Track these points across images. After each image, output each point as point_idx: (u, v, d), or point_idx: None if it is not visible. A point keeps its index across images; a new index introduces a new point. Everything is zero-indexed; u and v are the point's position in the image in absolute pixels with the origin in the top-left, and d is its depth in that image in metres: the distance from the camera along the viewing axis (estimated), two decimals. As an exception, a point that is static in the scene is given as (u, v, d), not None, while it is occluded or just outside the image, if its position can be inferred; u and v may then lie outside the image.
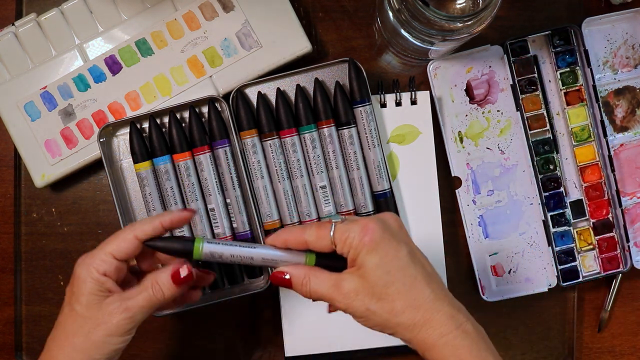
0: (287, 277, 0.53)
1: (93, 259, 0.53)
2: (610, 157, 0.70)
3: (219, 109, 0.67)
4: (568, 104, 0.71)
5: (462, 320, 0.50)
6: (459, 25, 0.59)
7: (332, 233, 0.51)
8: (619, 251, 0.72)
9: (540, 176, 0.71)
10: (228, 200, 0.68)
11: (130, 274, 0.57)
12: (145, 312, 0.53)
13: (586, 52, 0.70)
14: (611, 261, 0.72)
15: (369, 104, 0.67)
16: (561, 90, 0.71)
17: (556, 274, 0.71)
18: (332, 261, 0.53)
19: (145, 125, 0.68)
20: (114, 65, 0.69)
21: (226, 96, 0.68)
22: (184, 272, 0.54)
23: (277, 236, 0.54)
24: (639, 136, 0.73)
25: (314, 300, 0.53)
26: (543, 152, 0.71)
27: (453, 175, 0.71)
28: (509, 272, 0.72)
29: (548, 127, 0.71)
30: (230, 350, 0.72)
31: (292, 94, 0.68)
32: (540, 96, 0.71)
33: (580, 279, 0.71)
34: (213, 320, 0.72)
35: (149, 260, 0.58)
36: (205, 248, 0.54)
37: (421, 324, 0.49)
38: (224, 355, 0.72)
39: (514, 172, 0.72)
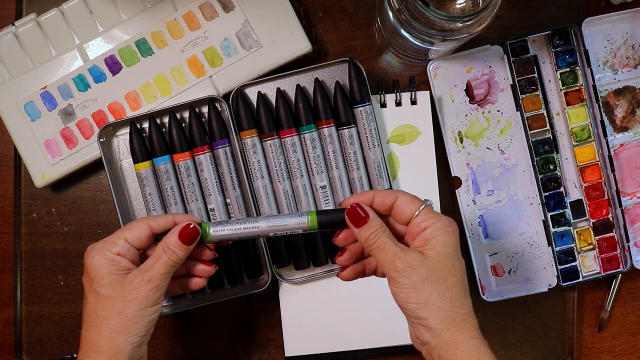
0: (367, 215, 0.54)
1: (105, 243, 0.55)
2: (610, 157, 0.70)
3: (219, 109, 0.67)
4: (568, 104, 0.71)
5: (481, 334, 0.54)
6: (459, 25, 0.59)
7: (422, 207, 0.54)
8: (619, 251, 0.72)
9: (540, 176, 0.71)
10: (228, 200, 0.68)
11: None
12: (166, 278, 0.55)
13: (586, 52, 0.70)
14: (611, 261, 0.72)
15: (369, 104, 0.67)
16: (561, 90, 0.71)
17: (556, 274, 0.71)
18: (332, 217, 0.56)
19: (145, 125, 0.68)
20: (114, 65, 0.69)
21: (226, 96, 0.68)
22: (187, 229, 0.55)
23: (351, 198, 0.57)
24: (639, 136, 0.73)
25: (365, 249, 0.56)
26: (543, 152, 0.71)
27: (453, 175, 0.71)
28: (509, 272, 0.72)
29: (548, 127, 0.71)
30: (230, 350, 0.72)
31: (292, 94, 0.68)
32: (540, 96, 0.71)
33: (580, 279, 0.71)
34: (213, 320, 0.72)
35: None
36: (213, 230, 0.56)
37: (458, 320, 0.52)
38: (223, 355, 0.72)
39: (514, 172, 0.72)
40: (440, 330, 0.52)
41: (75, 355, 0.55)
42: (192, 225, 0.55)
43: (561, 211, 0.71)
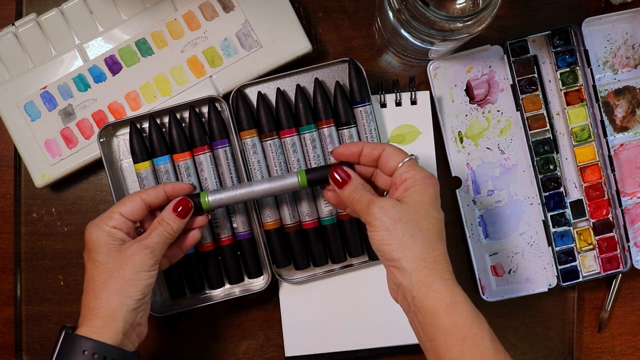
0: (348, 177, 0.59)
1: (101, 219, 0.59)
2: (610, 157, 0.71)
3: (219, 109, 0.67)
4: (568, 104, 0.71)
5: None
6: (459, 25, 0.59)
7: (406, 159, 0.58)
8: (619, 251, 0.72)
9: (540, 176, 0.71)
10: (228, 200, 0.68)
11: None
12: (161, 247, 0.60)
13: (586, 52, 0.70)
14: (611, 261, 0.72)
15: (369, 104, 0.67)
16: (561, 90, 0.71)
17: (556, 274, 0.71)
18: (320, 174, 0.61)
19: (145, 125, 0.68)
20: (114, 65, 0.69)
21: (226, 96, 0.68)
22: (181, 205, 0.61)
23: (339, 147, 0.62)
24: (639, 136, 0.73)
25: (347, 205, 0.59)
26: (543, 152, 0.71)
27: (453, 175, 0.71)
28: (509, 272, 0.72)
29: (548, 127, 0.71)
30: (229, 350, 0.72)
31: (292, 94, 0.68)
32: (540, 96, 0.71)
33: (580, 279, 0.71)
34: (213, 320, 0.72)
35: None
36: (211, 198, 0.62)
37: (429, 261, 0.54)
38: (223, 355, 0.72)
39: (514, 172, 0.72)
40: (411, 270, 0.54)
41: (74, 326, 0.57)
42: (184, 203, 0.61)
43: (561, 211, 0.71)
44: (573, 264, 0.71)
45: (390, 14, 0.63)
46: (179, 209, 0.61)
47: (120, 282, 0.57)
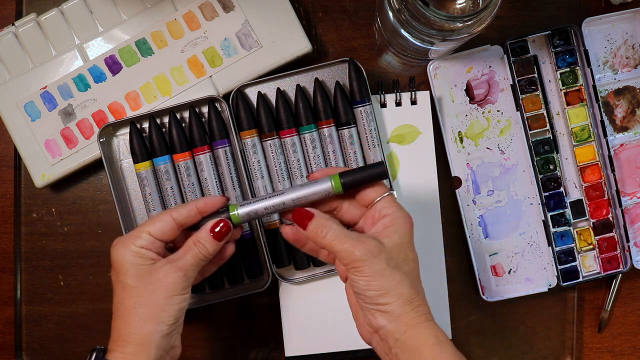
0: (309, 214, 0.55)
1: (129, 237, 0.55)
2: (610, 157, 0.71)
3: (219, 109, 0.67)
4: (568, 104, 0.71)
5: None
6: (459, 25, 0.59)
7: (386, 194, 0.55)
8: (619, 251, 0.72)
9: (540, 176, 0.71)
10: (228, 200, 0.68)
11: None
12: (194, 269, 0.56)
13: (586, 52, 0.70)
14: (611, 261, 0.72)
15: (369, 104, 0.67)
16: (561, 90, 0.71)
17: (556, 274, 0.71)
18: (357, 176, 0.56)
19: (145, 125, 0.68)
20: (114, 65, 0.69)
21: (226, 96, 0.68)
22: (219, 226, 0.56)
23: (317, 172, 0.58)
24: (639, 136, 0.73)
25: (319, 246, 0.55)
26: (543, 152, 0.71)
27: (453, 175, 0.71)
28: (509, 272, 0.72)
29: (548, 127, 0.71)
30: (229, 350, 0.72)
31: (292, 94, 0.68)
32: (540, 96, 0.71)
33: (580, 279, 0.71)
34: (213, 320, 0.72)
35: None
36: (241, 211, 0.57)
37: (415, 304, 0.53)
38: (223, 355, 0.72)
39: (514, 172, 0.72)
40: (398, 315, 0.52)
41: (105, 347, 0.55)
42: (222, 225, 0.56)
43: (561, 211, 0.71)
44: (573, 264, 0.71)
45: (390, 14, 0.63)
46: (216, 230, 0.56)
47: (152, 307, 0.53)
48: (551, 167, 0.71)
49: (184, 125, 0.68)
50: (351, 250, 0.52)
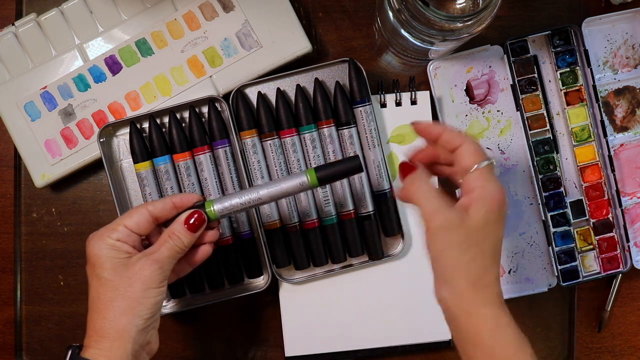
0: (414, 166, 0.56)
1: (105, 230, 0.56)
2: (610, 157, 0.70)
3: (219, 109, 0.67)
4: (568, 104, 0.71)
5: None
6: (459, 25, 0.59)
7: (481, 165, 0.53)
8: (619, 251, 0.72)
9: (540, 176, 0.71)
10: (228, 200, 0.68)
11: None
12: (170, 262, 0.56)
13: (586, 52, 0.70)
14: (611, 261, 0.72)
15: (369, 104, 0.67)
16: (561, 90, 0.71)
17: (556, 274, 0.71)
18: (331, 170, 0.58)
19: (145, 125, 0.68)
20: (114, 65, 0.69)
21: (226, 96, 0.68)
22: (193, 217, 0.57)
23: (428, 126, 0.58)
24: (639, 136, 0.73)
25: (408, 195, 0.55)
26: (543, 152, 0.71)
27: (453, 175, 0.71)
28: (509, 272, 0.72)
29: (548, 127, 0.71)
30: (229, 350, 0.72)
31: (292, 94, 0.68)
32: (540, 96, 0.71)
33: (580, 279, 0.71)
34: (213, 320, 0.72)
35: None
36: (217, 207, 0.58)
37: (481, 285, 0.52)
38: (223, 355, 0.72)
39: (514, 172, 0.72)
40: (460, 291, 0.52)
41: (81, 345, 0.55)
42: (197, 217, 0.57)
43: (561, 211, 0.71)
44: (573, 264, 0.71)
45: (390, 14, 0.63)
46: (190, 221, 0.57)
47: (128, 300, 0.53)
48: (551, 167, 0.71)
49: (184, 125, 0.68)
50: (434, 212, 0.52)
